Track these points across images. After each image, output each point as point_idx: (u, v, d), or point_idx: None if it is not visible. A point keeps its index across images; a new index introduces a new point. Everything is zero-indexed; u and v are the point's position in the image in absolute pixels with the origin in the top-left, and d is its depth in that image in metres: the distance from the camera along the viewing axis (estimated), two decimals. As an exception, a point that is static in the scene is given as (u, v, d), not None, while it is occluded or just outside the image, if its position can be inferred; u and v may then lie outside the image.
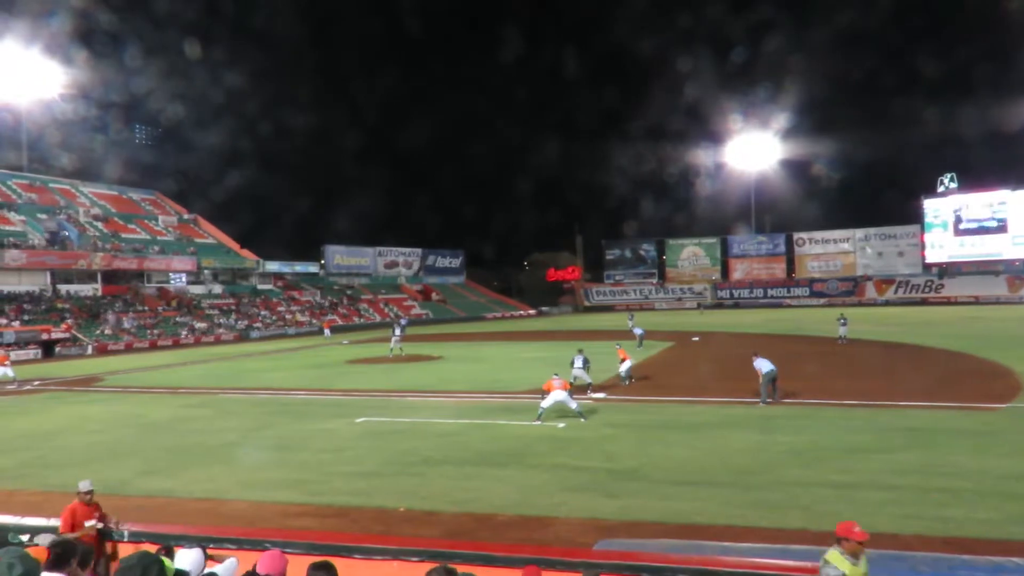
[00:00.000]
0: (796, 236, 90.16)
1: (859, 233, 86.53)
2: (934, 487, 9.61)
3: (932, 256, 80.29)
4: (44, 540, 4.36)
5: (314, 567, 3.79)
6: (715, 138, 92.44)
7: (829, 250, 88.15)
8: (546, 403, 15.43)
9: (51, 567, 3.71)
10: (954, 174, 78.80)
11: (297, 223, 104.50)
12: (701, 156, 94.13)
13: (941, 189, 79.87)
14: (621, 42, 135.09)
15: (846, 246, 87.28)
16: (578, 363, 19.66)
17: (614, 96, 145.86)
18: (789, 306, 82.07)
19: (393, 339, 35.08)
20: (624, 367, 21.14)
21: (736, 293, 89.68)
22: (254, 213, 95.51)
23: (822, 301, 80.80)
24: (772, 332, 41.71)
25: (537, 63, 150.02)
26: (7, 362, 27.39)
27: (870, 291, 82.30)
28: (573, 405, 15.48)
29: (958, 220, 77.76)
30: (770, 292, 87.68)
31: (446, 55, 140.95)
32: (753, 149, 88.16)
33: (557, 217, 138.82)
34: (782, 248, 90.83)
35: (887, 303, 78.65)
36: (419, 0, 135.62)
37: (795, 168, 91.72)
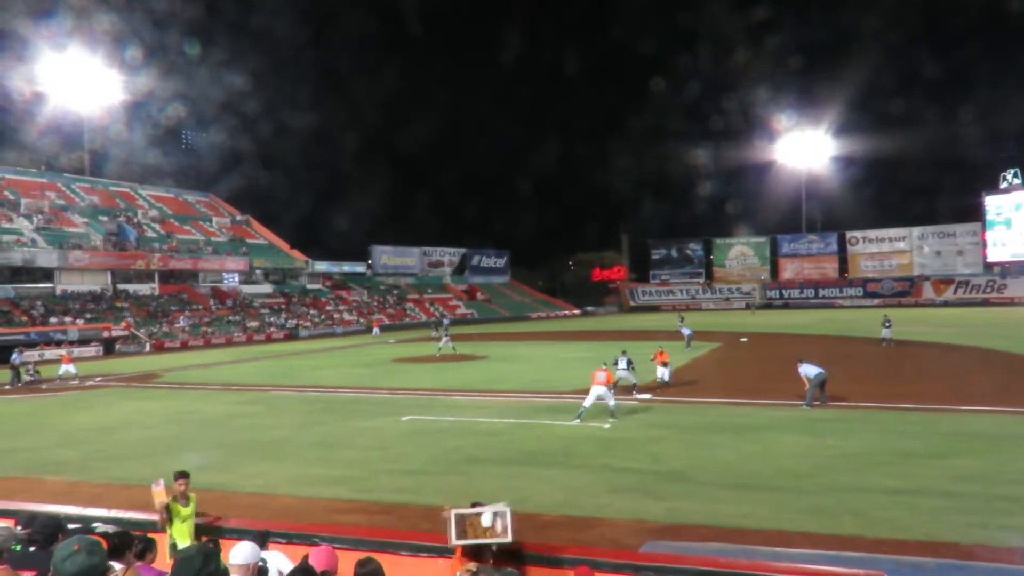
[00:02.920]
0: (849, 235, 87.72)
1: (916, 231, 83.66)
2: (998, 495, 9.20)
3: (994, 255, 77.19)
4: (101, 531, 4.50)
5: (361, 563, 3.84)
6: (766, 135, 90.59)
7: (884, 249, 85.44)
8: (588, 402, 15.43)
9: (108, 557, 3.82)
10: (1017, 170, 75.68)
11: (343, 223, 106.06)
12: (751, 154, 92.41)
13: (1004, 185, 76.76)
14: (655, 40, 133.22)
15: (902, 245, 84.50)
16: (622, 364, 19.31)
17: (663, 95, 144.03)
18: (841, 307, 79.93)
19: (444, 338, 35.43)
20: (662, 372, 20.58)
21: (786, 293, 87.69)
22: (302, 214, 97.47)
23: (876, 302, 78.35)
24: (824, 333, 40.75)
25: (578, 61, 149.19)
26: (70, 361, 28.57)
27: (927, 291, 79.51)
28: (611, 403, 15.56)
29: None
30: (821, 292, 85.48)
31: (448, 52, 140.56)
32: (804, 146, 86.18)
33: (603, 216, 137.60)
34: (834, 247, 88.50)
35: (946, 304, 75.85)
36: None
37: (848, 165, 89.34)
